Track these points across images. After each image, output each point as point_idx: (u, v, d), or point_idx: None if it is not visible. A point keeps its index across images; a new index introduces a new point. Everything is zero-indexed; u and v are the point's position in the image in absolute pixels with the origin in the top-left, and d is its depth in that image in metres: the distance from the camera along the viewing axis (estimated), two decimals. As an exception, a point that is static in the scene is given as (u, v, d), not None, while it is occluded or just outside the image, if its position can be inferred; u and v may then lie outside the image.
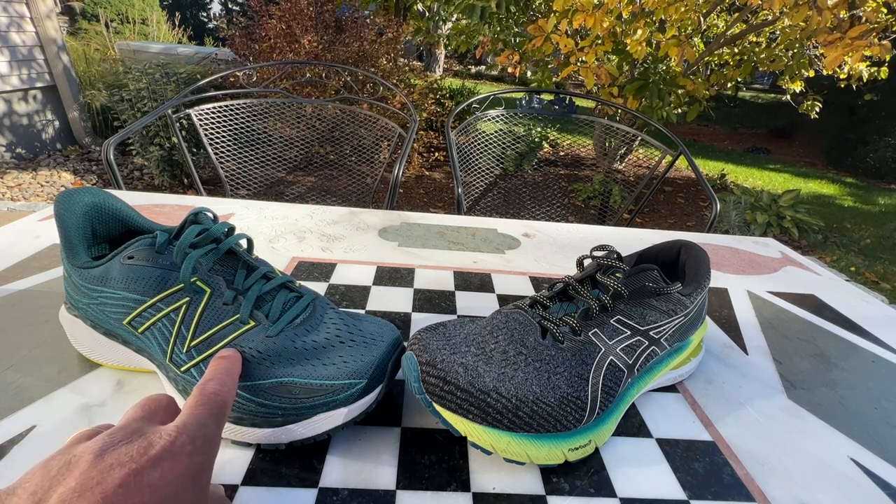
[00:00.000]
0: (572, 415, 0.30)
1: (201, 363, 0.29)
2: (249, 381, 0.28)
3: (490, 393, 0.29)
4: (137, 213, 0.37)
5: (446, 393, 0.29)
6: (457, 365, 0.30)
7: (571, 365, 0.31)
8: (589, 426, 0.31)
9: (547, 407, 0.29)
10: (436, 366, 0.29)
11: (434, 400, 0.29)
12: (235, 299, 0.31)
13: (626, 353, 0.33)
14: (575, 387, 0.31)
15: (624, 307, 0.34)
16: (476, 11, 2.59)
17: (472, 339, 0.32)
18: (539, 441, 0.29)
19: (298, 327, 0.31)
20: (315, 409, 0.28)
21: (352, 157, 1.60)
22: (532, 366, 0.31)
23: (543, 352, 0.32)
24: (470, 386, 0.29)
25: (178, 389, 0.30)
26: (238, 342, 0.29)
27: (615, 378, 0.32)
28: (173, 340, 0.30)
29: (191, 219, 0.33)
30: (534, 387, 0.30)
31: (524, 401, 0.29)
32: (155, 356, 0.31)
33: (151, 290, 0.30)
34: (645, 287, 0.34)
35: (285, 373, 0.29)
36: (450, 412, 0.29)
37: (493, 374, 0.30)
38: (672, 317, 0.35)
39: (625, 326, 0.33)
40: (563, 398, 0.30)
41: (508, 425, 0.29)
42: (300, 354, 0.29)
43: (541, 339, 0.32)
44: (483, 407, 0.29)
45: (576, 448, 0.30)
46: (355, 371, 0.29)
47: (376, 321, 0.34)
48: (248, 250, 0.35)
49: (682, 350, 0.39)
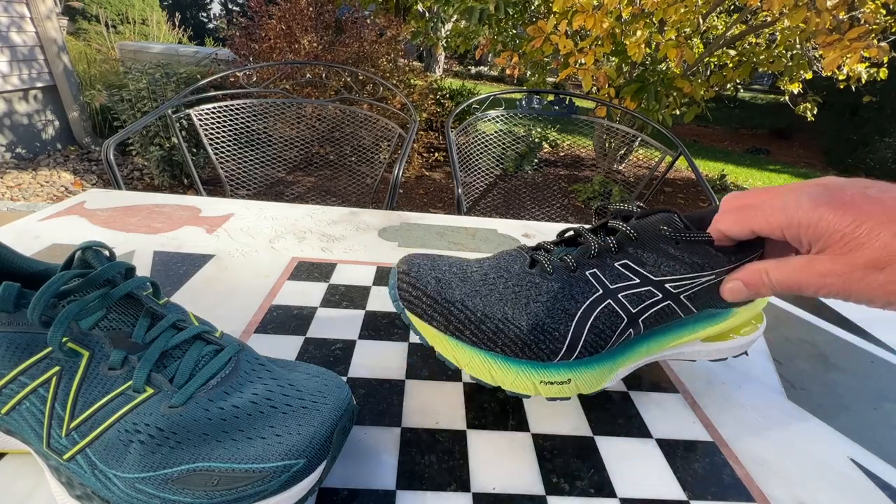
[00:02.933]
0: (545, 344, 0.29)
1: (88, 448, 0.23)
2: (150, 470, 0.22)
3: (455, 303, 0.29)
4: (8, 250, 0.29)
5: (414, 298, 0.30)
6: (431, 277, 0.31)
7: (557, 297, 0.30)
8: (569, 364, 0.30)
9: (516, 328, 0.28)
10: (410, 273, 0.31)
11: (405, 305, 0.30)
12: (126, 362, 0.24)
13: (629, 301, 0.30)
14: (556, 318, 0.29)
15: (634, 251, 0.30)
16: (474, 13, 2.60)
17: (458, 264, 0.33)
18: (505, 363, 0.29)
19: (214, 390, 0.24)
20: (240, 503, 0.22)
21: (352, 157, 1.60)
22: (511, 289, 0.30)
23: (527, 279, 0.30)
24: (437, 294, 0.29)
25: (63, 482, 0.24)
26: (131, 419, 0.23)
27: (610, 323, 0.30)
28: (47, 422, 0.23)
29: (77, 256, 0.26)
30: (506, 307, 0.29)
31: (490, 316, 0.28)
32: (30, 441, 0.24)
33: (8, 361, 0.23)
34: (659, 231, 0.30)
35: (198, 455, 0.22)
36: (416, 317, 0.30)
37: (465, 289, 0.30)
38: (698, 272, 0.30)
39: (632, 273, 0.30)
40: (538, 325, 0.29)
41: (471, 338, 0.29)
42: (216, 428, 0.23)
43: (528, 268, 0.31)
44: (446, 315, 0.29)
45: (550, 382, 0.29)
46: (291, 448, 0.22)
47: (318, 373, 0.27)
48: (155, 295, 0.28)
49: (717, 319, 0.33)
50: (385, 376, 0.37)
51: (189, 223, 0.61)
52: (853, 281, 0.24)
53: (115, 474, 0.22)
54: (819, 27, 1.85)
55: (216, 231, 0.60)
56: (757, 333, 0.36)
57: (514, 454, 0.31)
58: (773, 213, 0.27)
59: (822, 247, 0.25)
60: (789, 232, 0.26)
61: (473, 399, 0.35)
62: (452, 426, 0.33)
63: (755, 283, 0.29)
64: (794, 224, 0.26)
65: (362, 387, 0.35)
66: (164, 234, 0.57)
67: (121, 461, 0.22)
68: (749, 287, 0.29)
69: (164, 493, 0.22)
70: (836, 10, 1.85)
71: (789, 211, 0.26)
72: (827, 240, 0.25)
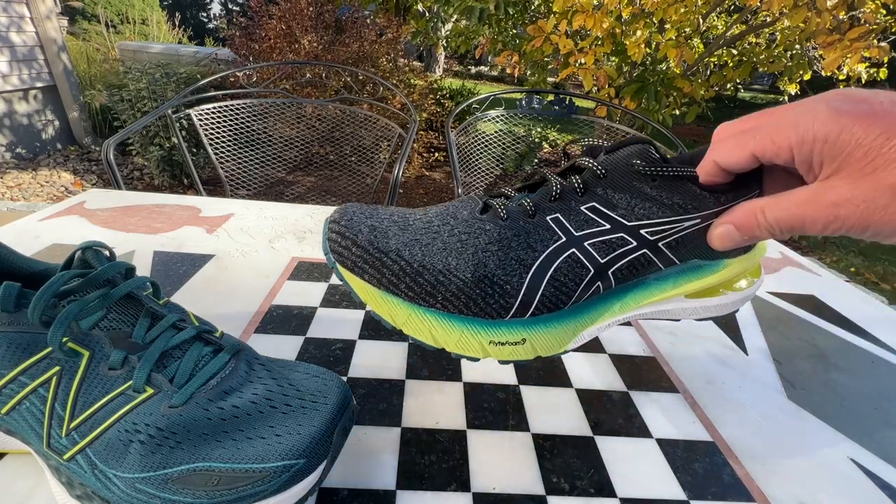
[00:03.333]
0: (494, 299, 0.25)
1: (88, 448, 0.23)
2: (150, 470, 0.22)
3: (389, 253, 0.25)
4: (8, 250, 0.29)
5: (343, 249, 0.26)
6: (364, 225, 0.27)
7: (511, 246, 0.26)
8: (524, 322, 0.26)
9: (458, 281, 0.25)
10: (340, 222, 0.27)
11: (336, 258, 0.26)
12: (126, 362, 0.24)
13: (597, 250, 0.26)
14: (507, 269, 0.25)
15: (603, 192, 0.26)
16: (475, 13, 2.60)
17: (401, 213, 0.29)
18: (448, 321, 0.25)
19: (214, 390, 0.24)
20: (240, 503, 0.22)
21: (352, 157, 1.60)
22: (457, 237, 0.26)
23: (476, 225, 0.26)
24: (368, 244, 0.26)
25: (63, 482, 0.24)
26: (131, 419, 0.23)
27: (574, 275, 0.26)
28: (47, 422, 0.23)
29: (77, 256, 0.26)
30: (449, 257, 0.25)
31: (428, 267, 0.25)
32: (30, 441, 0.24)
33: (9, 361, 0.23)
34: (631, 167, 0.26)
35: (198, 455, 0.22)
36: (347, 270, 0.26)
37: (403, 238, 0.26)
38: (680, 215, 0.26)
39: (601, 217, 0.26)
40: (486, 277, 0.25)
41: (407, 292, 0.25)
42: (216, 428, 0.23)
43: (478, 213, 0.27)
44: (378, 267, 0.25)
45: (500, 343, 0.26)
46: (291, 448, 0.22)
47: (318, 373, 0.27)
48: (155, 295, 0.28)
49: (704, 271, 0.29)
50: (385, 376, 0.37)
51: (189, 223, 0.61)
52: (875, 210, 0.20)
53: (115, 474, 0.22)
54: (819, 27, 1.85)
55: (216, 231, 0.60)
56: (752, 289, 0.31)
57: (514, 454, 0.31)
58: (780, 130, 0.22)
59: (838, 167, 0.21)
60: (801, 151, 0.22)
61: (473, 399, 0.35)
62: (452, 426, 0.33)
63: (749, 225, 0.24)
64: (807, 140, 0.21)
65: (362, 387, 0.35)
66: (164, 234, 0.57)
67: (121, 461, 0.22)
68: (742, 230, 0.25)
69: (165, 493, 0.22)
70: (836, 10, 1.85)
71: (803, 124, 0.21)
72: (847, 157, 0.20)
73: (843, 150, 0.20)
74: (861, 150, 0.20)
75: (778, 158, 0.23)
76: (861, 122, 0.20)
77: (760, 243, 0.30)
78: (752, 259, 0.30)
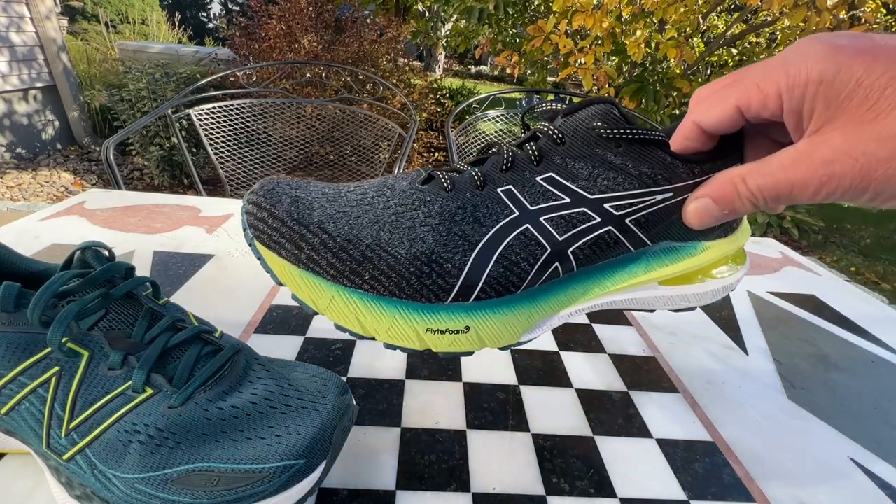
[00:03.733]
0: (431, 279, 0.22)
1: (87, 449, 0.23)
2: (150, 471, 0.22)
3: (310, 226, 0.22)
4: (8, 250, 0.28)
5: (259, 221, 0.23)
6: (285, 195, 0.23)
7: (455, 220, 0.23)
8: (468, 307, 0.23)
9: (389, 258, 0.22)
10: (258, 192, 0.24)
11: (253, 234, 0.23)
12: (125, 362, 0.24)
13: (555, 226, 0.23)
14: (449, 246, 0.22)
15: (562, 161, 0.23)
16: (474, 13, 2.60)
17: (335, 186, 0.26)
18: (377, 304, 0.22)
19: (213, 390, 0.24)
20: (240, 503, 0.22)
21: (352, 157, 1.60)
22: (392, 210, 0.23)
23: (415, 196, 0.24)
24: (287, 215, 0.23)
25: (62, 482, 0.24)
26: (130, 419, 0.23)
27: (527, 254, 0.23)
28: (47, 423, 0.23)
29: (77, 256, 0.26)
30: (381, 231, 0.22)
31: (355, 242, 0.22)
32: (29, 442, 0.24)
33: (8, 361, 0.23)
34: (592, 130, 0.23)
35: (197, 455, 0.22)
36: (263, 246, 0.23)
37: (330, 210, 0.23)
38: (649, 187, 0.23)
39: (560, 189, 0.23)
40: (423, 254, 0.22)
41: (329, 270, 0.22)
42: (216, 428, 0.23)
43: (419, 184, 0.24)
44: (296, 241, 0.22)
45: (440, 331, 0.23)
46: (291, 448, 0.22)
47: (317, 373, 0.27)
48: (155, 295, 0.28)
49: (680, 254, 0.25)
50: (385, 376, 0.37)
51: (189, 223, 0.61)
52: (877, 163, 0.17)
53: (114, 475, 0.22)
54: (819, 26, 1.85)
55: (216, 231, 0.60)
56: (734, 277, 0.27)
57: (514, 454, 0.31)
58: (768, 74, 0.19)
59: (832, 115, 0.18)
60: (792, 97, 0.18)
61: (473, 399, 0.35)
62: (452, 426, 0.33)
63: (728, 197, 0.21)
64: (799, 82, 0.18)
65: (362, 387, 0.35)
66: (163, 234, 0.57)
67: (120, 461, 0.22)
68: (721, 203, 0.21)
69: (164, 494, 0.22)
70: (836, 10, 1.85)
71: (795, 64, 0.18)
72: (844, 102, 0.17)
73: (841, 92, 0.17)
74: (862, 91, 0.17)
75: (765, 110, 0.20)
76: (862, 58, 0.17)
77: (744, 225, 0.27)
78: (735, 242, 0.27)
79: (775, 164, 0.19)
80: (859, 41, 0.17)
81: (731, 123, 0.21)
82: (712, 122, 0.22)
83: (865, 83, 0.17)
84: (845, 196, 0.18)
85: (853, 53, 0.17)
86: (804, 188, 0.18)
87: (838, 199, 0.18)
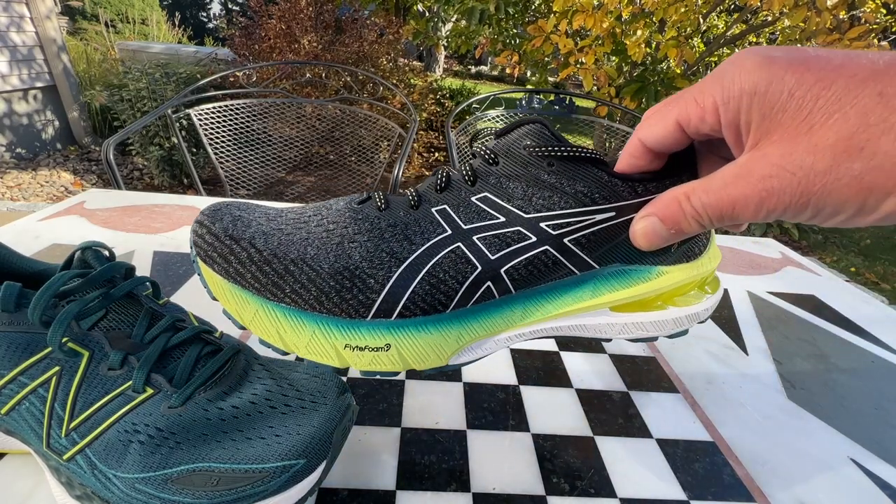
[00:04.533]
0: (351, 294, 0.22)
1: (87, 448, 0.23)
2: (150, 471, 0.22)
3: (241, 241, 0.23)
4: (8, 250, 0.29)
5: (199, 238, 0.24)
6: (228, 215, 0.24)
7: (384, 237, 0.23)
8: (389, 324, 0.23)
9: (311, 272, 0.22)
10: (205, 212, 0.25)
11: (196, 251, 0.24)
12: (125, 362, 0.24)
13: (488, 246, 0.23)
14: (374, 263, 0.23)
15: (496, 181, 0.23)
16: (475, 13, 2.60)
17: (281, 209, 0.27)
18: (298, 318, 0.23)
19: (213, 390, 0.24)
20: (240, 503, 0.22)
21: (352, 157, 1.60)
22: (324, 227, 0.24)
23: (348, 215, 0.24)
24: (222, 231, 0.24)
25: (62, 482, 0.24)
26: (130, 419, 0.23)
27: (456, 272, 0.23)
28: (47, 423, 0.23)
29: (77, 256, 0.26)
30: (309, 247, 0.23)
31: (280, 257, 0.22)
32: (30, 441, 0.24)
33: (8, 361, 0.23)
34: (523, 149, 0.23)
35: (197, 455, 0.22)
36: (201, 261, 0.24)
37: (265, 228, 0.24)
38: (588, 206, 0.22)
39: (495, 209, 0.23)
40: (345, 269, 0.22)
41: (253, 283, 0.23)
42: (216, 428, 0.23)
43: (355, 204, 0.25)
44: (226, 255, 0.23)
45: (359, 347, 0.23)
46: (291, 448, 0.22)
47: (317, 373, 0.27)
48: (155, 295, 0.28)
49: (632, 278, 0.24)
50: (385, 376, 0.37)
51: (189, 223, 0.61)
52: (815, 176, 0.16)
53: (114, 474, 0.22)
54: (819, 27, 1.85)
55: (216, 231, 0.60)
56: (703, 305, 0.25)
57: (514, 454, 0.31)
58: (705, 88, 0.19)
59: (768, 129, 0.17)
60: (728, 109, 0.18)
61: (473, 399, 0.35)
62: (452, 426, 0.33)
63: (673, 216, 0.20)
64: (734, 94, 0.18)
65: (362, 387, 0.35)
66: (163, 234, 0.57)
67: (120, 461, 0.22)
68: (667, 223, 0.21)
69: (164, 494, 0.22)
70: (836, 10, 1.85)
71: (729, 76, 0.18)
72: (779, 114, 0.17)
73: (775, 104, 0.17)
74: (794, 102, 0.17)
75: (703, 124, 0.19)
76: (794, 69, 0.17)
77: (712, 250, 0.26)
78: (700, 267, 0.25)
79: (717, 181, 0.19)
80: (792, 53, 0.17)
81: (673, 140, 0.21)
82: (655, 138, 0.21)
83: (797, 94, 0.17)
84: (787, 212, 0.18)
85: (785, 65, 0.17)
86: (745, 206, 0.18)
87: (782, 217, 0.18)
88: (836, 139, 0.16)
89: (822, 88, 0.16)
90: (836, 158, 0.16)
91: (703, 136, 0.20)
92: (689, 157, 0.23)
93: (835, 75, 0.16)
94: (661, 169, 0.23)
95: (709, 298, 0.26)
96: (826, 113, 0.16)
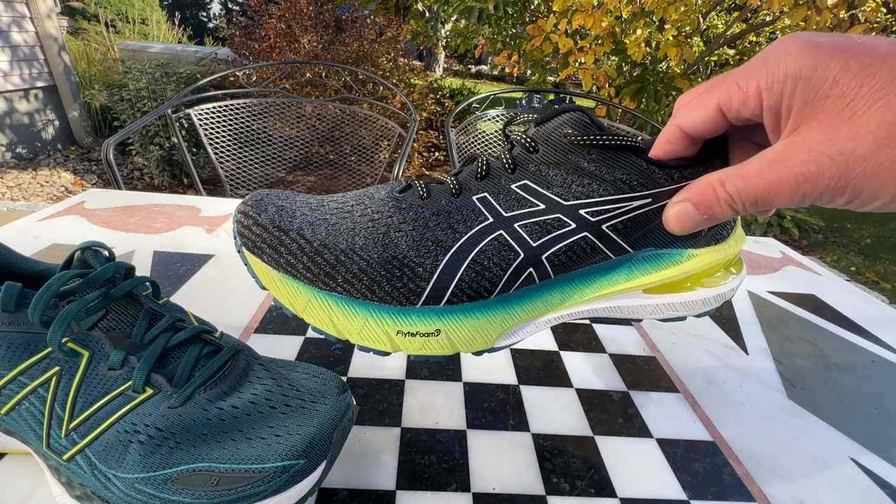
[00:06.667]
0: (402, 282, 0.23)
1: (87, 449, 0.23)
2: (150, 471, 0.22)
3: (290, 232, 0.23)
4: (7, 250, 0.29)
5: (246, 229, 0.25)
6: (271, 205, 0.25)
7: (429, 226, 0.24)
8: (439, 310, 0.23)
9: (361, 262, 0.23)
10: (248, 202, 0.25)
11: (242, 241, 0.25)
12: (125, 362, 0.24)
13: (530, 233, 0.23)
14: (422, 251, 0.23)
15: (536, 168, 0.24)
16: (474, 13, 2.60)
17: (320, 197, 0.27)
18: (351, 306, 0.23)
19: (213, 390, 0.24)
20: (240, 503, 0.22)
21: (352, 156, 1.60)
22: (369, 217, 0.24)
23: (391, 204, 0.24)
24: (269, 223, 0.24)
25: (62, 482, 0.24)
26: (130, 420, 0.23)
27: (500, 259, 0.23)
28: (47, 423, 0.23)
29: (77, 256, 0.26)
30: (357, 237, 0.23)
31: (330, 247, 0.23)
32: (30, 442, 0.24)
33: (8, 361, 0.23)
34: (563, 138, 0.23)
35: (197, 456, 0.22)
36: (249, 252, 0.25)
37: (310, 218, 0.24)
38: (626, 193, 0.23)
39: (535, 196, 0.23)
40: (394, 258, 0.23)
41: (305, 273, 0.23)
42: (216, 428, 0.23)
43: (396, 193, 0.25)
44: (276, 246, 0.23)
45: (411, 333, 0.23)
46: (291, 449, 0.22)
47: (317, 373, 0.27)
48: (155, 295, 0.28)
49: (665, 262, 0.25)
50: (385, 376, 0.37)
51: (189, 223, 0.61)
52: (854, 162, 0.16)
53: (114, 475, 0.22)
54: (819, 26, 1.85)
55: (216, 231, 0.60)
56: (728, 286, 0.26)
57: (514, 454, 0.31)
58: (748, 72, 0.19)
59: (810, 114, 0.18)
60: (771, 94, 0.18)
61: (473, 399, 0.35)
62: (452, 426, 0.33)
63: (707, 201, 0.21)
64: (778, 78, 0.18)
65: (362, 387, 0.35)
66: (163, 234, 0.57)
67: (120, 461, 0.22)
68: (700, 208, 0.21)
69: (164, 494, 0.22)
70: (836, 9, 1.85)
71: (773, 61, 0.18)
72: (821, 100, 0.17)
73: (818, 89, 0.17)
74: (838, 88, 0.17)
75: (745, 108, 0.19)
76: (840, 55, 0.17)
77: (738, 232, 0.26)
78: (727, 250, 0.26)
79: (754, 166, 0.19)
80: (837, 40, 0.18)
81: (713, 125, 0.21)
82: (694, 124, 0.22)
83: (842, 81, 0.17)
84: (823, 197, 0.18)
85: (831, 51, 0.17)
86: (781, 190, 0.18)
87: (817, 202, 0.18)
88: (879, 125, 0.16)
89: (866, 76, 0.16)
90: (877, 144, 0.16)
91: (743, 120, 0.20)
92: (722, 145, 0.23)
93: (880, 63, 0.16)
94: (695, 156, 0.23)
95: (734, 279, 0.27)
96: (870, 100, 0.16)
